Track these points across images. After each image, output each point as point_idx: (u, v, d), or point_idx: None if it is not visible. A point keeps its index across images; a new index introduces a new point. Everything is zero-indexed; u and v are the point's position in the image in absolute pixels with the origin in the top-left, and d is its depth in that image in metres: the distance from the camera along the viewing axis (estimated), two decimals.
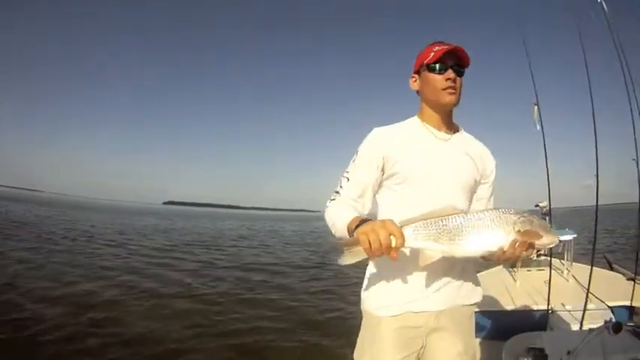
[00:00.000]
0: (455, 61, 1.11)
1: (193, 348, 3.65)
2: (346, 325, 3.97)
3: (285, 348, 3.76)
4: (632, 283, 2.73)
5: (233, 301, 5.49)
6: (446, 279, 1.14)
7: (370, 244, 0.86)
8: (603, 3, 2.48)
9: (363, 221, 0.94)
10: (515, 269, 3.60)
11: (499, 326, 2.49)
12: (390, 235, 0.87)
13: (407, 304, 1.12)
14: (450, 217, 0.96)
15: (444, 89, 1.11)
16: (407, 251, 1.03)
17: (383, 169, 1.16)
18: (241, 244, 14.99)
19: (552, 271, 2.73)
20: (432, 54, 1.12)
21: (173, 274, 7.30)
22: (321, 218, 1.15)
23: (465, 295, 1.19)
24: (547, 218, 2.71)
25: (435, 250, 0.96)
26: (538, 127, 2.49)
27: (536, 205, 3.28)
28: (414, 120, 1.22)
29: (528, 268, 3.69)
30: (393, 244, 0.88)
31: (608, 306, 2.43)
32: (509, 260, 1.08)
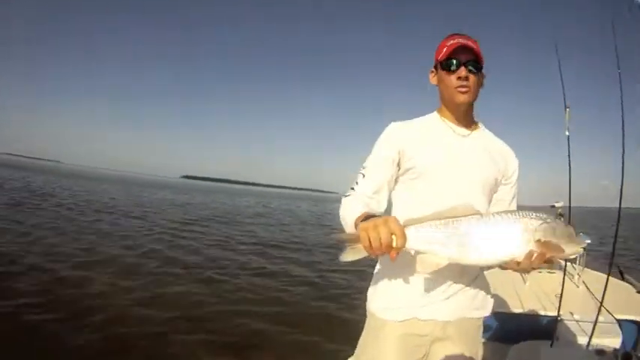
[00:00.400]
0: (469, 57, 1.05)
1: (226, 313, 4.07)
2: (362, 299, 4.33)
3: (310, 315, 4.24)
4: None
5: (257, 274, 5.91)
6: (458, 286, 1.08)
7: (370, 242, 0.80)
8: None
9: (368, 217, 0.88)
10: None
11: (505, 329, 2.43)
12: (392, 234, 0.81)
13: (414, 309, 1.07)
14: (461, 218, 0.88)
15: (456, 88, 1.07)
16: (413, 252, 0.94)
17: (399, 164, 1.11)
18: (259, 221, 15.50)
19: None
20: (445, 49, 1.07)
21: (204, 249, 7.73)
22: (337, 200, 1.11)
23: (477, 306, 1.13)
24: (561, 219, 2.58)
25: (440, 256, 0.88)
26: (567, 133, 2.35)
27: (552, 206, 3.08)
28: (433, 115, 1.17)
29: (539, 270, 3.49)
30: (394, 245, 0.81)
31: (617, 319, 2.30)
32: (523, 272, 1.04)
